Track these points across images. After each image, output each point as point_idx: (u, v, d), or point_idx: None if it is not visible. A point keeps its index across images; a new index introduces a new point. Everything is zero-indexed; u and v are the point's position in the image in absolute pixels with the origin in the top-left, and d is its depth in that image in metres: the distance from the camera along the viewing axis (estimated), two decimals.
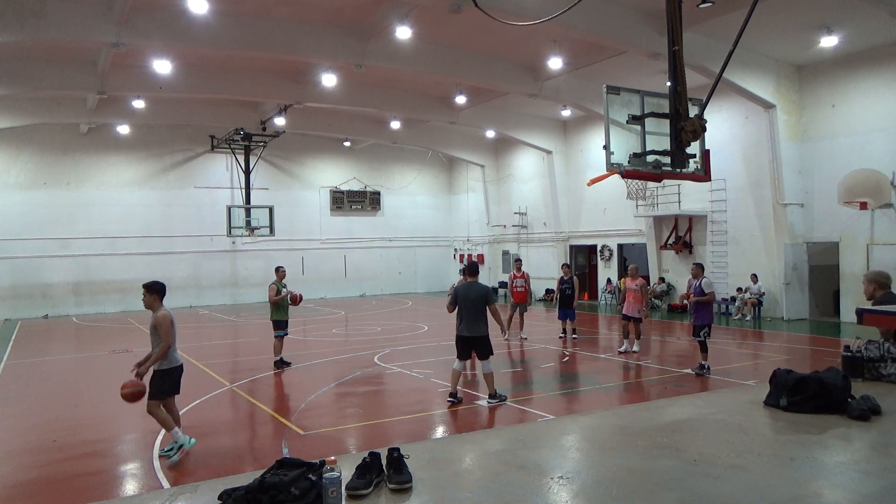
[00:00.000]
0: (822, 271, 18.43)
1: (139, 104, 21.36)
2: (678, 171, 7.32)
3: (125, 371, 7.17)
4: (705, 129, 7.16)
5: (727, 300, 19.68)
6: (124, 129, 25.20)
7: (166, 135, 26.64)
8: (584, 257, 27.09)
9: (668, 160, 7.15)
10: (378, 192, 31.31)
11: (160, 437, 7.91)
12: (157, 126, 25.77)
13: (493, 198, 30.46)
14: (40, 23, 13.51)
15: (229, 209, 25.57)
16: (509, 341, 15.01)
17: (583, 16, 12.17)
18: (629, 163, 7.03)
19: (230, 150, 26.99)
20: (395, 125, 26.07)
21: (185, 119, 24.35)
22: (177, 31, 14.65)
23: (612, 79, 14.72)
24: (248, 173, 26.76)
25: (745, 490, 2.79)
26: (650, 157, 7.09)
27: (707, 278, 11.18)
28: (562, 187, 26.36)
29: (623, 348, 13.36)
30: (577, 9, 9.14)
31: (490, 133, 27.13)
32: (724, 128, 19.44)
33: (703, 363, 11.02)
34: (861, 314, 4.59)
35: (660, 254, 22.61)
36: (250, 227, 25.54)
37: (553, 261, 26.84)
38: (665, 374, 11.35)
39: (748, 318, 18.71)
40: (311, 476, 2.62)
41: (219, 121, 24.83)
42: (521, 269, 15.70)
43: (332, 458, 2.62)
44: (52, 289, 24.68)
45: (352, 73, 18.57)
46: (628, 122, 7.07)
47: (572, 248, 26.72)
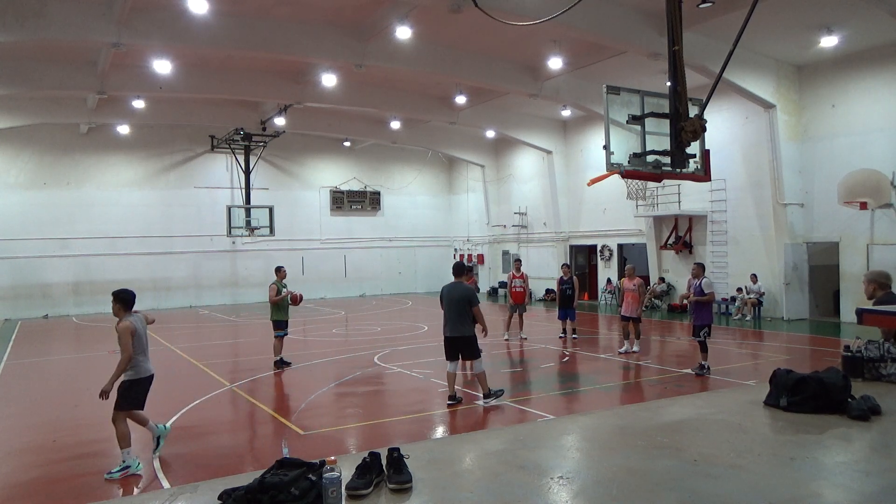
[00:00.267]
0: (822, 271, 18.43)
1: (139, 104, 21.35)
2: (678, 171, 7.32)
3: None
4: (705, 129, 7.16)
5: (727, 300, 19.68)
6: (124, 129, 25.20)
7: (166, 135, 26.64)
8: (584, 257, 27.09)
9: (668, 160, 7.15)
10: (378, 192, 31.31)
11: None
12: (157, 126, 25.77)
13: (493, 198, 30.46)
14: (40, 23, 13.50)
15: (229, 209, 25.56)
16: (509, 341, 15.04)
17: (583, 16, 12.17)
18: (629, 163, 7.02)
19: (230, 150, 26.98)
20: (395, 125, 26.07)
21: (185, 119, 24.35)
22: (177, 31, 14.65)
23: (612, 79, 14.71)
24: (248, 173, 26.76)
25: (745, 490, 2.79)
26: (650, 157, 7.08)
27: (707, 278, 11.17)
28: (562, 187, 26.36)
29: (623, 349, 13.36)
30: (577, 9, 9.14)
31: (490, 133, 27.12)
32: (724, 128, 19.43)
33: (703, 363, 11.02)
34: (861, 314, 4.59)
35: (660, 254, 22.61)
36: (250, 227, 25.54)
37: (553, 261, 26.83)
38: (665, 374, 11.35)
39: (748, 318, 18.71)
40: (311, 476, 2.62)
41: (219, 121, 24.82)
42: (521, 270, 15.69)
43: (332, 458, 2.62)
44: (52, 289, 24.68)
45: (352, 73, 18.57)
46: (628, 122, 7.07)
47: (572, 248, 26.71)
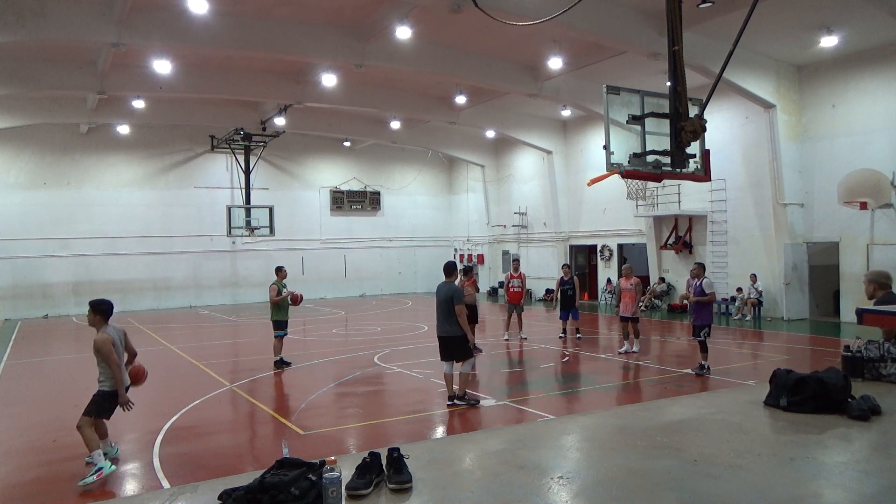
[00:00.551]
0: (822, 271, 18.43)
1: (139, 104, 21.35)
2: (678, 171, 7.31)
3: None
4: (705, 129, 7.16)
5: (727, 300, 19.68)
6: (124, 129, 25.19)
7: (166, 135, 26.64)
8: (584, 257, 27.09)
9: (668, 160, 7.14)
10: (378, 192, 31.31)
11: (160, 438, 7.93)
12: (157, 126, 25.77)
13: (493, 198, 30.46)
14: (40, 23, 13.50)
15: (229, 209, 25.56)
16: (509, 341, 15.05)
17: (583, 16, 12.17)
18: (629, 163, 7.02)
19: (230, 150, 26.99)
20: (395, 125, 26.07)
21: (185, 119, 24.34)
22: (177, 31, 14.65)
23: (612, 79, 14.71)
24: (248, 173, 26.76)
25: (745, 490, 2.79)
26: (650, 157, 7.08)
27: (708, 278, 11.16)
28: (562, 187, 26.36)
29: (623, 349, 13.35)
30: (577, 9, 9.14)
31: (490, 133, 27.12)
32: (724, 128, 19.43)
33: (703, 363, 11.02)
34: (861, 314, 4.59)
35: (660, 254, 22.61)
36: (250, 227, 25.54)
37: (553, 261, 26.84)
38: (665, 374, 11.35)
39: (748, 318, 18.71)
40: (311, 476, 2.62)
41: (219, 121, 24.82)
42: (519, 270, 15.69)
43: (332, 458, 2.62)
44: (52, 289, 24.67)
45: (352, 73, 18.57)
46: (628, 122, 7.07)
47: (572, 248, 26.71)
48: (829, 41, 15.63)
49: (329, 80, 18.76)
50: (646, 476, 2.98)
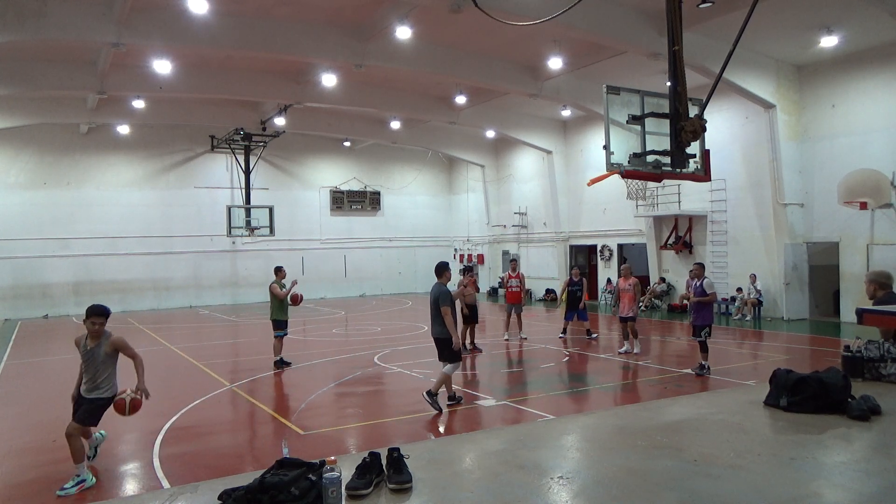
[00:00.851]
0: (822, 271, 18.43)
1: (139, 104, 21.35)
2: (678, 171, 7.32)
3: (125, 370, 7.13)
4: (705, 129, 7.16)
5: (727, 300, 19.68)
6: (124, 129, 25.20)
7: (166, 135, 26.64)
8: (584, 257, 27.06)
9: (668, 160, 7.15)
10: (378, 192, 31.31)
11: (160, 438, 7.93)
12: (157, 126, 25.77)
13: (493, 198, 30.46)
14: (40, 23, 13.51)
15: (229, 209, 25.56)
16: (509, 341, 15.06)
17: (583, 16, 12.16)
18: (629, 163, 7.02)
19: (230, 150, 26.99)
20: (395, 125, 26.07)
21: (185, 119, 24.35)
22: (177, 31, 14.65)
23: (612, 79, 14.70)
24: (248, 173, 26.76)
25: (745, 490, 2.79)
26: (650, 157, 7.08)
27: (708, 278, 11.16)
28: (562, 187, 26.35)
29: (623, 349, 13.35)
30: (577, 9, 9.14)
31: (490, 133, 27.12)
32: (724, 128, 19.43)
33: (703, 363, 11.01)
34: (861, 314, 4.59)
35: (660, 254, 22.61)
36: (250, 227, 25.54)
37: (553, 261, 26.85)
38: (665, 374, 11.35)
39: (748, 318, 18.71)
40: (311, 476, 2.62)
41: (219, 121, 24.82)
42: (517, 270, 15.71)
43: (332, 458, 2.62)
44: (52, 289, 24.68)
45: (352, 73, 18.56)
46: (628, 122, 7.07)
47: (572, 248, 26.71)
48: (829, 41, 15.63)
49: (329, 80, 18.76)
50: (646, 476, 2.98)
